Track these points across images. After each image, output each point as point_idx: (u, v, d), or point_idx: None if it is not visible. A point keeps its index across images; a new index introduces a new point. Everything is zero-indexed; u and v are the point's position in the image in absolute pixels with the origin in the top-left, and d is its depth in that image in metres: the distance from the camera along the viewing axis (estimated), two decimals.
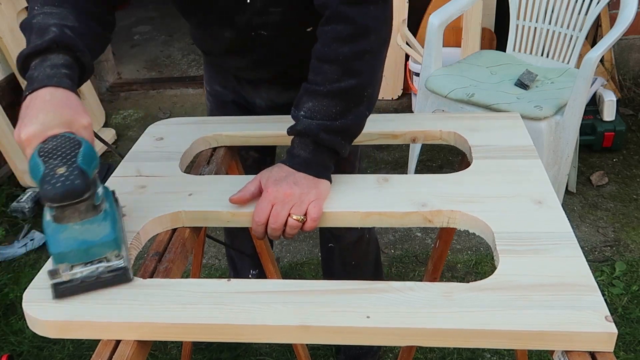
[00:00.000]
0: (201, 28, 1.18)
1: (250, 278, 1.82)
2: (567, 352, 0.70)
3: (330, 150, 0.95)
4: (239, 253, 1.84)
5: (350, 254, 1.63)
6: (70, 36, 0.84)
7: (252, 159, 1.45)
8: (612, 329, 0.69)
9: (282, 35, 1.12)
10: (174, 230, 0.95)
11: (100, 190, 0.76)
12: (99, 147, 0.86)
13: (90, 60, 0.87)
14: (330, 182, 0.97)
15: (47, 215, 0.75)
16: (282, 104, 1.27)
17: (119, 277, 0.78)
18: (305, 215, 0.91)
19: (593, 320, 0.70)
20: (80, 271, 0.76)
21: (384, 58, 0.97)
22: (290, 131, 0.96)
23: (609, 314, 0.70)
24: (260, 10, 1.06)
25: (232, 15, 1.08)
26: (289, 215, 0.91)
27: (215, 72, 1.40)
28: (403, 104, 3.35)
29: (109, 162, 2.74)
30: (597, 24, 3.03)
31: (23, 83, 2.66)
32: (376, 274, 1.72)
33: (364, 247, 1.62)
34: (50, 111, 0.76)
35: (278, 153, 1.51)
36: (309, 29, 1.09)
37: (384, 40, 0.96)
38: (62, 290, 0.77)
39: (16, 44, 2.67)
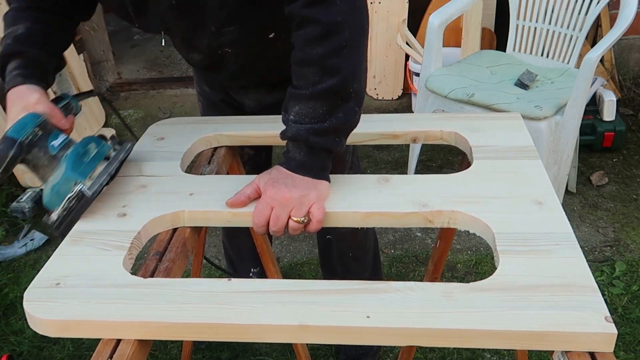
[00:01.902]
0: (176, 50, 1.23)
1: (251, 277, 1.83)
2: (566, 352, 0.70)
3: (324, 151, 0.94)
4: (238, 254, 1.84)
5: (347, 245, 1.63)
6: (16, 45, 1.03)
7: (247, 155, 1.46)
8: (612, 329, 0.69)
9: (246, 49, 1.14)
10: (175, 229, 0.96)
11: (57, 141, 0.95)
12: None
13: (39, 53, 1.04)
14: (329, 181, 0.97)
15: None
16: (271, 104, 1.28)
17: (81, 202, 0.92)
18: (305, 216, 0.91)
19: (593, 321, 0.70)
20: (57, 210, 0.93)
21: (365, 48, 0.96)
22: (282, 136, 0.96)
23: (609, 314, 0.71)
24: (215, 33, 1.09)
25: (192, 41, 1.13)
26: (289, 217, 0.91)
27: (201, 75, 1.42)
28: (403, 104, 3.35)
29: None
30: (597, 24, 3.03)
31: None
32: (374, 268, 1.71)
33: (361, 238, 1.62)
34: (14, 107, 0.98)
35: (276, 152, 1.52)
36: (271, 36, 1.11)
37: (360, 31, 0.94)
38: (55, 227, 0.92)
39: None
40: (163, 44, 1.12)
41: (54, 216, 0.92)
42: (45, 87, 1.03)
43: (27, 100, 0.98)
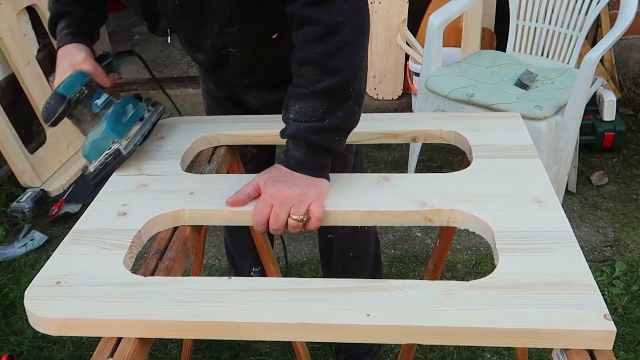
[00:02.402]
0: (182, 49, 1.24)
1: (252, 275, 1.83)
2: (565, 350, 0.70)
3: (324, 149, 0.95)
4: (240, 252, 1.84)
5: (348, 244, 1.63)
6: (62, 6, 1.13)
7: (251, 154, 1.47)
8: (611, 327, 0.69)
9: (249, 49, 1.15)
10: (175, 228, 0.96)
11: (100, 100, 1.05)
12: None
13: (83, 12, 1.14)
14: (329, 180, 0.97)
15: None
16: (274, 103, 1.28)
17: (117, 159, 1.03)
18: (305, 215, 0.92)
19: (592, 319, 0.70)
20: (95, 163, 1.03)
21: (366, 48, 0.96)
22: (282, 135, 0.96)
23: (607, 312, 0.71)
24: (218, 33, 1.10)
25: (196, 41, 1.15)
26: (289, 215, 0.91)
27: (207, 73, 1.43)
28: (403, 104, 3.35)
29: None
30: (597, 24, 3.03)
31: (23, 83, 2.68)
32: (375, 269, 1.71)
33: (362, 238, 1.62)
34: (62, 63, 1.08)
35: (277, 152, 1.52)
36: (274, 36, 1.12)
37: (361, 30, 0.94)
38: (92, 178, 1.04)
39: (16, 44, 2.67)
40: (169, 41, 1.14)
41: (91, 168, 1.04)
42: (91, 44, 1.13)
43: (74, 58, 1.08)
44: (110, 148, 1.03)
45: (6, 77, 2.70)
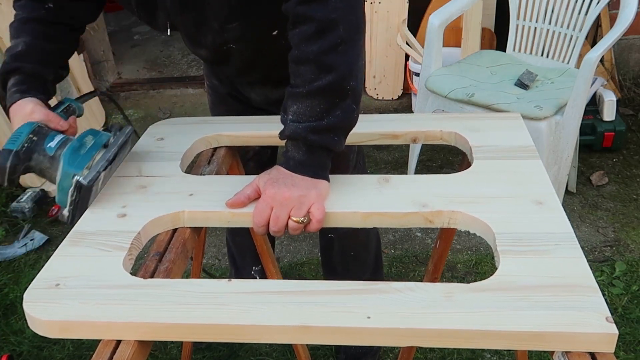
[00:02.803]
0: (183, 50, 1.24)
1: (253, 274, 1.83)
2: (567, 352, 0.70)
3: (323, 149, 0.94)
4: (240, 251, 1.84)
5: (349, 244, 1.63)
6: (14, 62, 1.07)
7: (252, 151, 1.47)
8: (613, 329, 0.69)
9: (250, 45, 1.15)
10: (175, 230, 0.96)
11: (53, 142, 0.98)
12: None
13: (33, 67, 1.08)
14: (329, 181, 0.97)
15: None
16: (276, 99, 1.29)
17: (82, 192, 0.95)
18: (305, 216, 0.91)
19: (593, 321, 0.70)
20: (66, 206, 0.96)
21: (362, 45, 0.96)
22: (281, 136, 0.96)
23: (609, 314, 0.70)
24: (218, 30, 1.10)
25: (197, 37, 1.14)
26: (289, 217, 0.91)
27: (211, 69, 1.44)
28: (403, 104, 3.35)
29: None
30: (597, 24, 3.03)
31: None
32: (376, 269, 1.71)
33: (363, 238, 1.62)
34: (14, 120, 1.03)
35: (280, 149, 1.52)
36: (274, 33, 1.11)
37: (356, 27, 0.94)
38: (69, 222, 0.96)
39: None
40: (169, 33, 1.12)
41: (65, 212, 0.97)
42: (44, 98, 1.07)
43: (23, 112, 1.02)
44: (72, 184, 0.95)
45: None
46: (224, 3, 1.04)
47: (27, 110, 1.02)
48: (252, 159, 1.45)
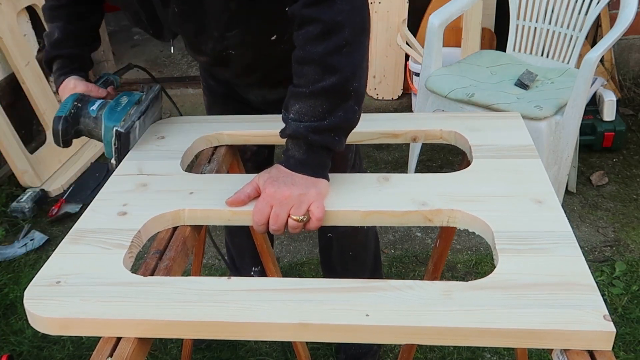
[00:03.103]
0: (183, 50, 1.27)
1: (252, 275, 1.83)
2: (565, 350, 0.70)
3: (323, 149, 0.95)
4: (239, 253, 1.84)
5: (348, 244, 1.63)
6: (53, 50, 1.22)
7: (250, 152, 1.47)
8: (611, 327, 0.69)
9: (250, 50, 1.16)
10: (175, 228, 0.96)
11: (94, 106, 1.14)
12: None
13: (70, 51, 1.22)
14: (328, 180, 0.97)
15: None
16: (274, 100, 1.29)
17: (121, 139, 1.11)
18: (305, 215, 0.92)
19: (591, 319, 0.70)
20: (113, 156, 1.13)
21: (366, 47, 0.96)
22: (282, 134, 0.96)
23: (607, 312, 0.71)
24: (218, 38, 1.11)
25: (198, 45, 1.17)
26: (289, 216, 0.91)
27: (209, 71, 1.44)
28: (403, 104, 3.35)
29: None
30: (597, 24, 3.03)
31: (23, 83, 2.68)
32: (375, 268, 1.71)
33: (361, 237, 1.63)
34: (64, 95, 1.18)
35: (277, 152, 1.53)
36: (273, 38, 1.13)
37: (361, 30, 0.94)
38: (117, 165, 1.12)
39: (16, 44, 2.67)
40: (172, 51, 1.19)
41: (113, 161, 1.13)
42: (84, 75, 1.22)
43: (68, 88, 1.17)
44: (113, 135, 1.10)
45: (6, 77, 2.70)
46: (225, 11, 1.05)
47: (71, 86, 1.17)
48: (250, 160, 1.46)
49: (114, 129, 1.09)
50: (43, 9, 1.25)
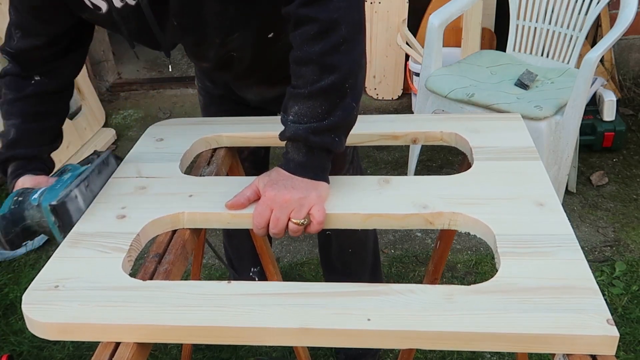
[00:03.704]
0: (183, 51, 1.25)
1: (251, 276, 1.82)
2: (568, 355, 0.70)
3: (323, 151, 0.94)
4: (238, 254, 1.84)
5: (347, 241, 1.63)
6: (8, 151, 1.10)
7: (247, 151, 1.47)
8: (614, 332, 0.68)
9: (250, 51, 1.16)
10: (174, 231, 0.95)
11: (36, 194, 0.98)
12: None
13: (30, 150, 1.11)
14: (328, 183, 0.96)
15: None
16: (273, 97, 1.29)
17: (59, 213, 0.95)
18: (305, 218, 0.91)
19: (594, 324, 0.69)
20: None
21: (363, 41, 0.96)
22: (281, 137, 0.96)
23: (610, 317, 0.70)
24: (220, 44, 1.10)
25: (199, 54, 1.17)
26: (289, 219, 0.91)
27: (206, 73, 1.43)
28: (403, 104, 3.34)
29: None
30: (597, 24, 3.03)
31: None
32: (374, 266, 1.71)
33: (360, 235, 1.62)
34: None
35: (275, 152, 1.52)
36: (270, 36, 1.12)
37: (357, 26, 0.93)
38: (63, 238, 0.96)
39: None
40: (170, 69, 1.16)
41: (59, 240, 0.96)
42: (42, 174, 1.09)
43: (16, 188, 1.05)
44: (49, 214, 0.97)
45: None
46: (224, 17, 1.04)
47: (19, 185, 1.05)
48: (247, 159, 1.45)
49: (48, 206, 0.94)
50: (0, 105, 1.14)
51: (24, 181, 1.06)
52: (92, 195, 1.02)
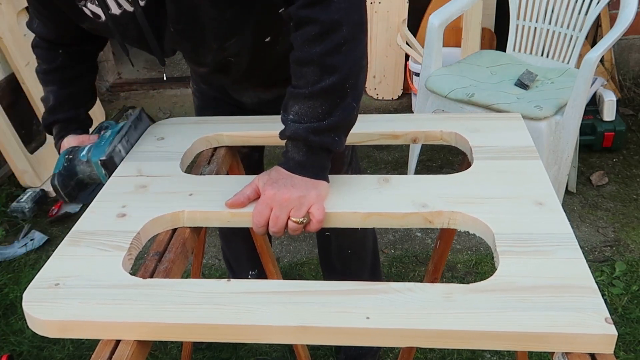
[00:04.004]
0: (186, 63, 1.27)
1: (250, 279, 1.82)
2: (567, 353, 0.70)
3: (323, 150, 0.94)
4: (236, 257, 1.84)
5: (346, 241, 1.63)
6: (49, 116, 1.24)
7: (241, 154, 1.46)
8: (612, 330, 0.69)
9: (247, 55, 1.16)
10: (174, 230, 0.95)
11: (83, 152, 1.14)
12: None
13: (69, 113, 1.24)
14: (328, 182, 0.97)
15: None
16: (269, 100, 1.30)
17: (108, 167, 1.11)
18: (304, 217, 0.91)
19: (593, 322, 0.70)
20: None
21: (365, 42, 0.96)
22: (281, 136, 0.96)
23: (609, 315, 0.70)
24: (217, 49, 1.11)
25: (197, 59, 1.19)
26: (289, 218, 0.91)
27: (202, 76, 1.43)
28: (403, 104, 3.35)
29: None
30: (597, 24, 3.03)
31: (23, 83, 2.68)
32: (374, 266, 1.71)
33: (360, 235, 1.62)
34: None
35: (275, 152, 1.52)
36: (267, 39, 1.13)
37: (359, 27, 0.93)
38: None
39: (16, 44, 2.66)
40: (165, 78, 1.20)
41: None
42: (82, 132, 1.23)
43: (63, 148, 1.19)
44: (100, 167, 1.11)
45: (6, 77, 2.69)
46: (222, 23, 1.04)
47: (65, 144, 1.20)
48: (242, 160, 1.45)
49: (98, 161, 1.10)
50: (36, 72, 1.25)
51: (69, 141, 1.19)
52: (130, 147, 1.17)
